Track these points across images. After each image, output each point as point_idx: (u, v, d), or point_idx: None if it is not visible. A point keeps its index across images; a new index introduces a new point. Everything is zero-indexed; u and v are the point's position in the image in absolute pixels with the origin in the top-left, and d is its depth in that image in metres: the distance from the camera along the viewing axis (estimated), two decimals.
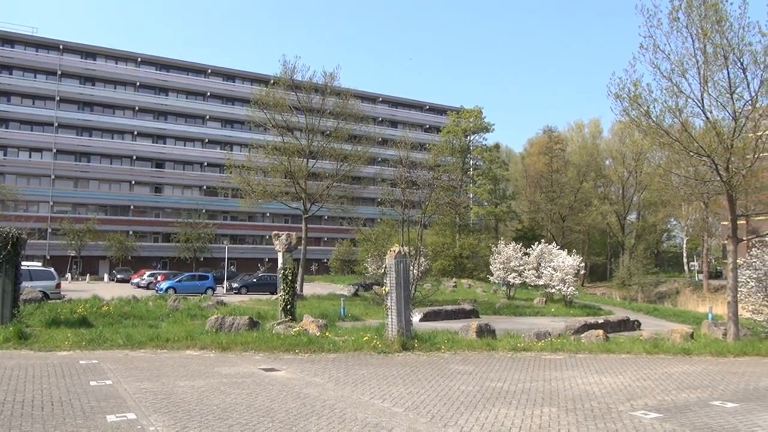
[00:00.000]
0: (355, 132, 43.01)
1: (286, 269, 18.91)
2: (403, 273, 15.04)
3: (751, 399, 9.48)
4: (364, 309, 27.67)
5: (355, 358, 13.16)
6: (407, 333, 14.77)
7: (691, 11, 16.97)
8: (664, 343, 16.08)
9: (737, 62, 16.73)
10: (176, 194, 70.72)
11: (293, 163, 38.16)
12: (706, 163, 17.83)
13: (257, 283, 42.57)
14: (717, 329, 19.19)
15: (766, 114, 17.38)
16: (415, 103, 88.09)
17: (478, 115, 70.70)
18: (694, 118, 18.73)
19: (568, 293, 36.72)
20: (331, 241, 73.69)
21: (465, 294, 42.67)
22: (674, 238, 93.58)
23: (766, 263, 18.40)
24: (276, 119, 38.73)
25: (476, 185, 71.47)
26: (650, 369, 12.41)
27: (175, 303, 24.53)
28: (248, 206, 42.59)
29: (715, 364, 13.52)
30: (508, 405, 8.69)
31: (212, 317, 16.98)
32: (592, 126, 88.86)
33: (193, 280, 40.93)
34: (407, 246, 24.20)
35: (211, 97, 73.86)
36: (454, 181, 66.33)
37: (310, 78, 39.12)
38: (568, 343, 15.90)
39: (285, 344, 14.06)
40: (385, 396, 9.14)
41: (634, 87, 17.64)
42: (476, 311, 28.02)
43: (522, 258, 40.53)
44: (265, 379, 10.35)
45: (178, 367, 11.49)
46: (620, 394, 9.68)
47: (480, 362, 12.89)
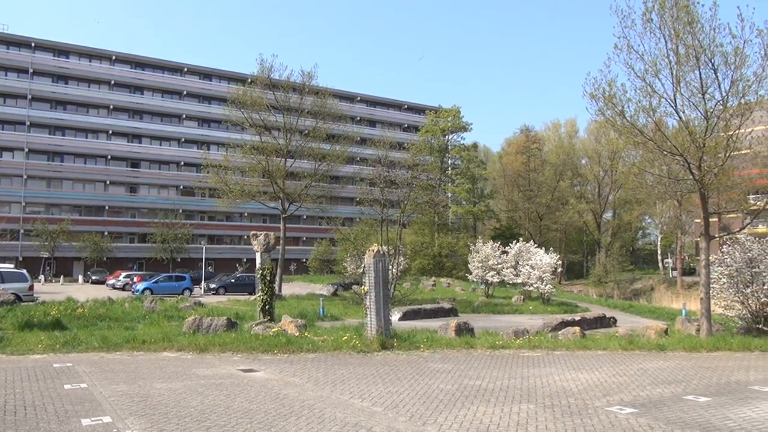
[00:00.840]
0: (333, 131, 42.89)
1: (264, 269, 18.83)
2: (382, 272, 15.05)
3: (723, 393, 9.68)
4: (344, 308, 27.64)
5: (334, 357, 13.14)
6: (386, 332, 14.79)
7: (664, 12, 17.23)
8: (639, 340, 16.33)
9: (708, 63, 17.03)
10: (152, 194, 69.82)
11: (271, 162, 37.92)
12: (679, 161, 18.12)
13: (235, 283, 42.24)
14: (690, 325, 19.53)
15: (737, 114, 17.73)
16: (394, 103, 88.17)
17: (456, 115, 71.06)
18: (668, 117, 19.07)
19: (545, 291, 37.10)
20: (309, 240, 73.41)
21: (444, 293, 42.85)
22: (649, 236, 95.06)
23: (737, 260, 18.76)
24: (253, 118, 38.47)
25: (454, 184, 71.84)
26: (626, 365, 12.60)
27: (151, 304, 24.24)
28: (226, 206, 42.21)
29: (689, 359, 13.77)
30: (486, 402, 8.75)
31: (190, 318, 16.83)
32: (569, 125, 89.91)
33: (170, 280, 40.45)
34: (386, 245, 24.21)
35: (188, 96, 73.05)
36: (433, 180, 66.87)
37: (287, 77, 38.93)
38: (545, 340, 16.07)
39: (263, 345, 13.99)
40: (365, 395, 9.15)
41: (608, 87, 17.86)
42: (455, 310, 28.17)
43: (500, 256, 40.83)
44: (244, 380, 10.29)
45: (155, 369, 11.36)
46: (596, 390, 9.81)
47: (459, 360, 12.96)
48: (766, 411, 8.41)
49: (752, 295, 18.24)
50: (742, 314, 18.81)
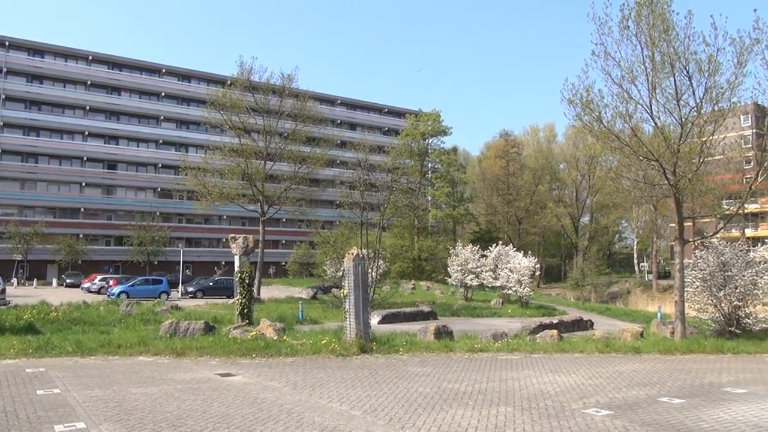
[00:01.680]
0: (313, 134, 42.80)
1: (242, 272, 18.69)
2: (362, 275, 15.04)
3: (696, 395, 9.84)
4: (323, 312, 27.57)
5: (313, 361, 13.08)
6: (366, 335, 14.78)
7: (640, 20, 17.52)
8: (615, 342, 16.52)
9: (683, 70, 17.36)
10: (129, 196, 68.90)
11: (250, 165, 37.72)
12: (655, 167, 18.42)
13: (213, 286, 41.86)
14: (665, 328, 19.82)
15: (711, 120, 18.10)
16: (374, 106, 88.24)
17: (436, 119, 71.37)
18: (644, 123, 19.39)
19: (524, 294, 37.35)
20: (289, 243, 73.01)
21: (423, 296, 42.93)
22: (625, 240, 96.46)
23: (710, 264, 19.09)
24: (233, 120, 38.23)
25: (434, 188, 72.08)
26: (602, 367, 12.74)
27: (127, 308, 23.94)
28: (204, 209, 41.83)
29: (664, 361, 13.97)
30: (464, 406, 8.78)
31: (166, 322, 16.65)
32: (547, 130, 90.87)
33: (147, 284, 39.95)
34: (366, 248, 24.20)
35: (166, 98, 72.27)
36: (413, 184, 66.93)
37: (267, 79, 38.80)
38: (523, 343, 16.18)
39: (242, 349, 13.89)
40: (343, 399, 9.12)
41: (586, 93, 18.09)
42: (435, 313, 28.22)
43: (479, 260, 41.04)
44: (221, 385, 10.19)
45: (131, 373, 11.20)
46: (573, 392, 9.90)
47: (438, 364, 12.99)
48: (738, 412, 8.56)
49: (725, 299, 18.58)
50: (716, 317, 19.14)
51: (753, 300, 18.78)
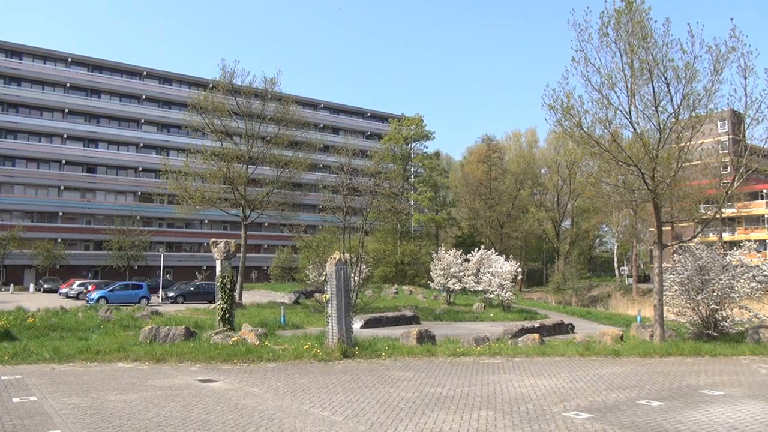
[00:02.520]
0: (296, 138, 42.67)
1: (224, 277, 18.56)
2: (344, 280, 15.01)
3: (674, 397, 9.97)
4: (305, 317, 27.46)
5: (295, 366, 13.02)
6: (348, 340, 14.74)
7: (620, 27, 17.76)
8: (595, 346, 16.67)
9: (661, 77, 17.63)
10: (109, 200, 68.10)
11: (232, 169, 37.48)
12: (634, 172, 18.65)
13: (194, 291, 41.50)
14: (645, 331, 20.06)
15: (688, 126, 18.39)
16: (357, 110, 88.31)
17: (419, 123, 71.58)
18: (623, 129, 19.65)
19: (506, 298, 37.58)
20: (271, 248, 72.67)
21: (406, 300, 42.97)
22: (606, 244, 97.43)
23: (688, 268, 19.37)
24: (215, 124, 37.98)
25: (417, 192, 72.24)
26: (583, 371, 12.85)
27: (106, 314, 23.62)
28: (185, 213, 41.46)
29: (643, 364, 14.13)
30: (446, 410, 8.80)
31: (146, 328, 16.47)
32: (529, 135, 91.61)
33: (127, 289, 39.48)
34: (349, 253, 24.17)
35: (147, 101, 71.64)
36: (396, 188, 66.96)
37: (249, 83, 38.63)
38: (505, 347, 16.26)
39: (223, 354, 13.78)
40: (325, 404, 9.09)
41: (566, 99, 18.26)
42: (417, 317, 28.26)
43: (462, 264, 41.21)
44: (202, 391, 10.10)
45: (109, 380, 11.06)
46: (554, 396, 9.97)
47: (420, 368, 13.00)
48: (715, 414, 8.69)
49: (702, 302, 18.86)
50: (693, 320, 19.42)
51: (730, 303, 19.09)
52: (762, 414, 8.75)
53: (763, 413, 8.80)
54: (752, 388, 10.91)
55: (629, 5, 17.64)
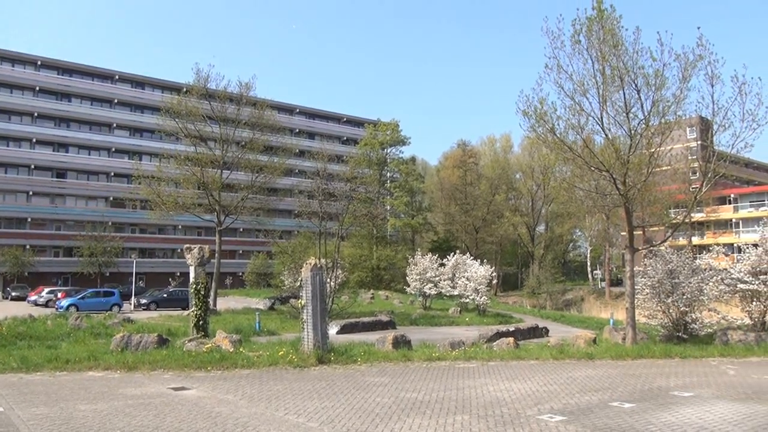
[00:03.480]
0: (271, 143, 42.45)
1: (198, 283, 18.33)
2: (320, 285, 14.96)
3: (646, 399, 10.12)
4: (281, 323, 27.27)
5: (269, 373, 12.91)
6: (323, 346, 14.68)
7: (591, 35, 18.07)
8: (569, 349, 16.86)
9: (632, 84, 17.98)
10: (79, 206, 66.76)
11: (206, 173, 37.11)
12: (606, 177, 18.97)
13: (168, 298, 40.92)
14: (617, 334, 20.35)
15: (658, 132, 18.77)
16: (333, 115, 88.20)
17: (394, 128, 71.76)
18: (595, 135, 19.96)
19: (481, 302, 37.77)
20: (246, 253, 72.02)
21: (382, 305, 42.93)
22: (579, 248, 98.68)
23: (659, 271, 19.73)
24: (188, 128, 37.59)
25: (393, 197, 72.34)
26: (556, 374, 12.98)
27: (77, 321, 23.17)
28: (158, 218, 40.89)
29: (615, 367, 14.33)
30: (422, 415, 8.81)
31: (118, 335, 16.20)
32: (504, 141, 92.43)
33: (98, 296, 38.76)
34: (324, 258, 24.12)
35: (119, 104, 70.55)
36: (372, 193, 66.97)
37: (224, 87, 38.34)
38: (480, 351, 16.35)
39: (196, 362, 13.61)
40: (300, 411, 9.03)
41: (540, 105, 18.51)
42: (393, 322, 28.25)
43: (438, 269, 41.32)
44: (175, 399, 9.95)
45: (79, 389, 10.84)
46: (529, 399, 10.06)
47: (396, 373, 13.00)
48: (685, 415, 8.85)
49: (673, 305, 19.22)
50: (664, 323, 19.77)
51: (699, 306, 19.49)
52: (730, 414, 8.93)
53: (730, 414, 8.99)
54: (720, 389, 11.14)
55: (601, 13, 17.98)
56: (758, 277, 19.33)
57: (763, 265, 19.50)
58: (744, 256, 20.47)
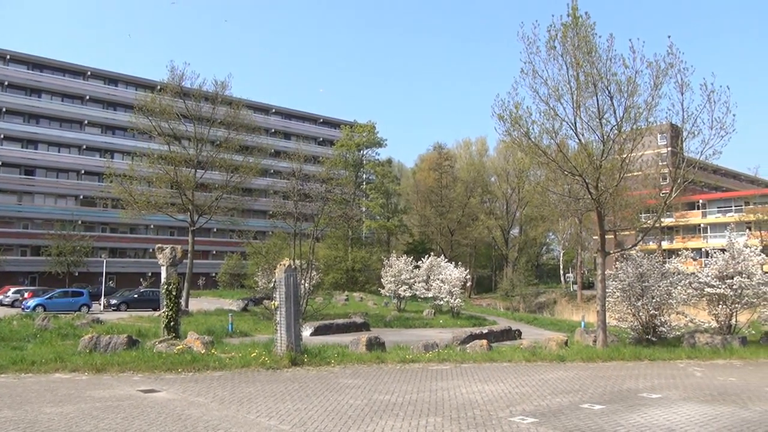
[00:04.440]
0: (246, 143, 42.06)
1: (169, 284, 18.07)
2: (293, 287, 14.87)
3: (615, 401, 10.27)
4: (254, 324, 27.03)
5: (242, 375, 12.78)
6: (297, 348, 14.59)
7: (566, 41, 18.31)
8: (541, 351, 17.03)
9: (605, 90, 18.26)
10: (48, 204, 65.32)
11: (180, 173, 36.58)
12: (579, 181, 19.22)
13: (139, 299, 40.27)
14: (588, 336, 20.62)
15: (630, 138, 19.11)
16: (309, 116, 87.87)
17: (371, 130, 71.76)
18: (569, 140, 20.22)
19: (455, 305, 37.93)
20: (219, 254, 71.28)
21: (356, 307, 42.84)
22: (552, 251, 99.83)
23: (629, 275, 20.07)
24: (162, 127, 37.02)
25: (369, 199, 72.32)
26: (528, 376, 13.09)
27: (44, 322, 22.63)
28: (130, 218, 40.18)
29: (586, 369, 14.51)
30: (395, 417, 8.80)
31: (86, 336, 15.86)
32: (479, 144, 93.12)
33: (66, 296, 37.96)
34: (299, 259, 23.95)
35: (91, 101, 69.23)
36: (347, 195, 66.84)
37: (199, 85, 37.85)
38: (454, 353, 16.42)
39: (167, 363, 13.40)
40: (272, 413, 8.95)
41: (515, 109, 18.69)
42: (367, 324, 28.22)
43: (412, 271, 41.40)
44: (144, 402, 9.78)
45: (45, 392, 10.58)
46: (501, 401, 10.12)
47: (369, 375, 12.97)
48: (653, 416, 9.00)
49: (643, 308, 19.56)
50: (634, 326, 20.10)
51: (668, 309, 19.87)
52: (696, 416, 9.11)
53: (697, 415, 9.17)
54: (688, 391, 11.36)
55: (576, 20, 18.23)
56: (725, 281, 19.80)
57: (729, 270, 19.98)
58: (711, 261, 20.94)
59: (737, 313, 20.52)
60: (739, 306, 20.16)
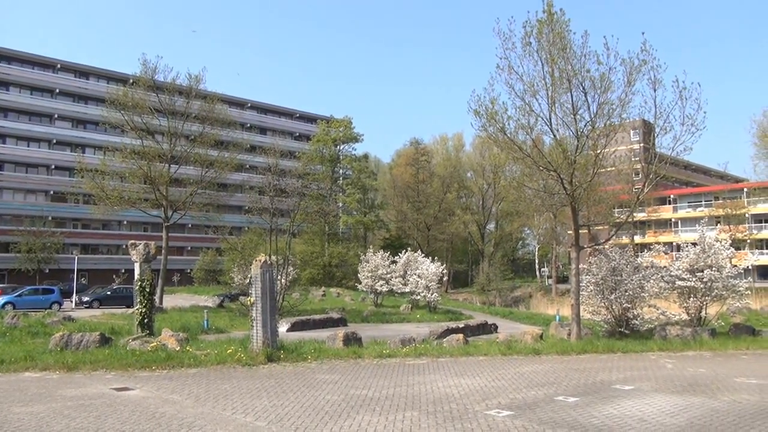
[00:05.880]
0: (221, 137, 41.62)
1: (143, 280, 17.82)
2: (270, 283, 14.77)
3: (589, 393, 10.42)
4: (230, 320, 26.83)
5: (217, 372, 12.67)
6: (273, 344, 14.50)
7: (542, 38, 18.46)
8: (517, 345, 17.20)
9: (579, 86, 18.47)
10: (17, 199, 63.85)
11: (153, 168, 36.09)
12: (554, 177, 19.43)
13: (111, 296, 39.63)
14: (563, 330, 20.89)
15: (604, 134, 19.36)
16: (285, 111, 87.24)
17: (347, 125, 71.58)
18: (544, 135, 20.46)
19: (432, 299, 38.12)
20: (195, 250, 70.53)
21: (334, 303, 42.80)
22: (528, 246, 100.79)
23: (602, 269, 20.36)
24: (135, 121, 36.46)
25: (345, 194, 72.20)
26: (504, 369, 13.21)
27: (13, 320, 22.19)
28: (102, 213, 39.54)
29: (560, 362, 14.69)
30: (371, 412, 8.80)
31: (57, 334, 15.56)
32: (456, 139, 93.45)
33: (36, 294, 37.18)
34: (275, 255, 23.84)
35: (61, 95, 67.80)
36: (324, 190, 66.74)
37: (173, 79, 37.34)
38: (431, 348, 16.48)
39: (140, 361, 13.21)
40: (248, 410, 8.88)
41: (491, 104, 18.80)
42: (344, 320, 28.21)
43: (389, 266, 41.48)
44: (117, 400, 9.63)
45: (14, 391, 10.36)
46: (477, 394, 10.19)
47: (346, 370, 12.96)
48: (626, 408, 9.15)
49: (615, 301, 19.86)
50: (607, 319, 20.41)
51: (640, 302, 20.21)
52: (667, 406, 9.29)
53: (668, 405, 9.35)
54: (659, 383, 11.57)
55: (551, 17, 18.37)
56: (695, 274, 20.22)
57: (700, 263, 20.40)
58: (682, 255, 21.36)
59: (707, 305, 20.99)
60: (709, 298, 20.62)
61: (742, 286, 20.89)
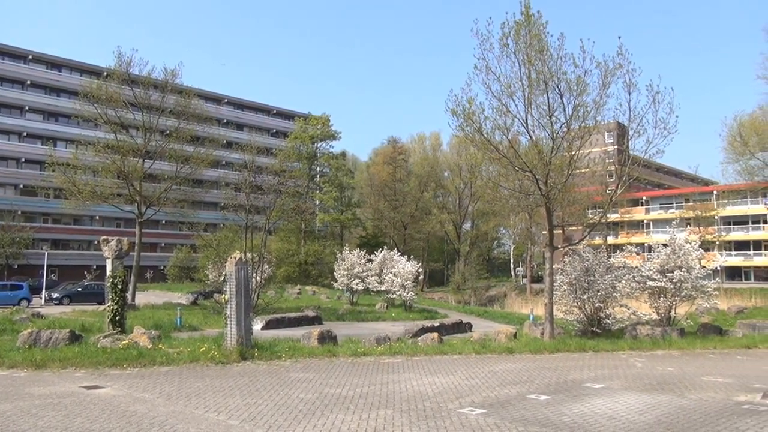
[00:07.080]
0: (197, 133, 41.15)
1: (115, 277, 17.56)
2: (244, 280, 14.67)
3: (561, 391, 10.55)
4: (204, 318, 26.54)
5: (190, 370, 12.54)
6: (247, 342, 14.41)
7: (519, 39, 18.61)
8: (491, 343, 17.34)
9: (555, 88, 18.67)
10: None
11: (127, 162, 35.50)
12: (529, 177, 19.63)
13: (82, 292, 38.95)
14: (536, 329, 21.11)
15: (578, 136, 19.62)
16: (262, 107, 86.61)
17: (325, 123, 71.32)
18: (520, 136, 20.64)
19: (407, 298, 38.20)
20: (168, 246, 69.67)
21: (309, 301, 42.64)
22: (503, 246, 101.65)
23: (576, 269, 20.63)
24: (108, 115, 35.81)
25: (322, 192, 71.98)
26: (478, 368, 13.31)
27: None
28: (73, 208, 38.82)
29: (533, 360, 14.86)
30: (345, 410, 8.80)
31: (25, 332, 15.24)
32: (433, 139, 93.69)
33: (4, 290, 36.34)
34: (251, 252, 23.65)
35: (32, 87, 66.38)
36: (300, 187, 66.38)
37: (148, 73, 36.77)
38: (405, 346, 16.53)
39: (111, 359, 13.02)
40: (221, 409, 8.82)
41: (468, 104, 18.90)
42: (320, 318, 28.13)
43: (365, 264, 41.44)
44: (87, 398, 9.48)
45: None
46: (450, 393, 10.26)
47: (320, 369, 12.94)
48: (596, 406, 9.29)
49: (588, 301, 20.15)
50: (580, 318, 20.70)
51: (612, 302, 20.55)
52: (636, 404, 9.46)
53: (637, 403, 9.52)
54: (629, 381, 11.77)
55: (528, 18, 18.53)
56: (666, 275, 20.60)
57: (670, 264, 20.80)
58: (654, 255, 21.75)
59: (676, 305, 21.41)
60: (679, 298, 21.03)
61: (711, 286, 21.38)
